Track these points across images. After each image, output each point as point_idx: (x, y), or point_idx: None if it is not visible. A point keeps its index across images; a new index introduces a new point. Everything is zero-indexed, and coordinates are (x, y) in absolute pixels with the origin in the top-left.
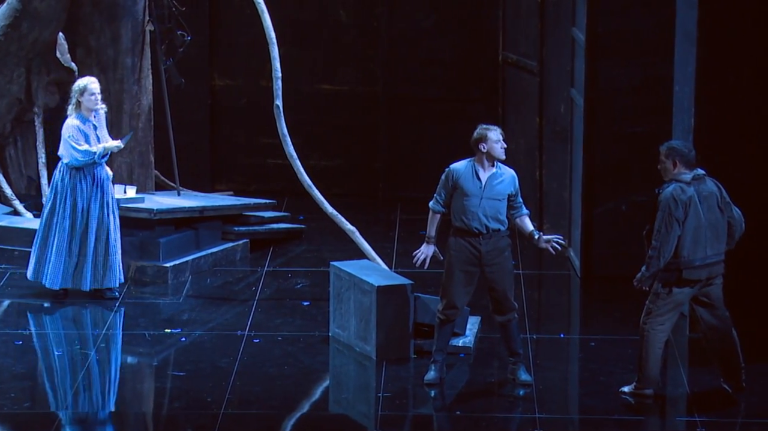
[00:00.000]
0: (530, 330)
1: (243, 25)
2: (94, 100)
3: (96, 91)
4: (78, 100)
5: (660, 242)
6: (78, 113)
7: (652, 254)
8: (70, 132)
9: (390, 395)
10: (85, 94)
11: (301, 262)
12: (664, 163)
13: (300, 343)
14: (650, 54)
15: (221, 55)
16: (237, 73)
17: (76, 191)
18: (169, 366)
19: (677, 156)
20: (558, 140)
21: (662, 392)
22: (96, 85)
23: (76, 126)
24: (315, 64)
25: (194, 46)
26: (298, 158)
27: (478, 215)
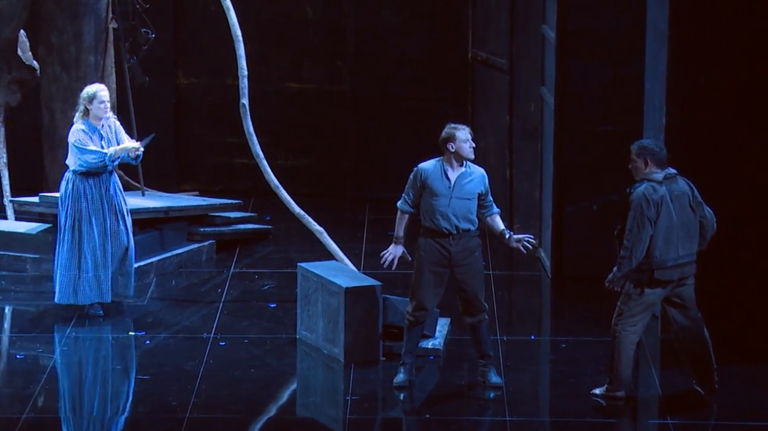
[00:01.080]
0: (501, 331)
1: (208, 23)
2: (104, 109)
3: (106, 99)
4: (86, 108)
5: (632, 242)
6: (85, 120)
7: (624, 254)
8: (76, 137)
9: (358, 398)
10: (94, 102)
11: (268, 263)
12: (635, 162)
13: (267, 346)
14: (621, 52)
15: (186, 53)
16: (202, 71)
17: (81, 200)
18: (133, 370)
19: (648, 155)
20: (528, 139)
21: (634, 394)
22: (106, 92)
23: (81, 130)
24: (281, 62)
25: (158, 44)
26: (264, 158)
27: (447, 215)
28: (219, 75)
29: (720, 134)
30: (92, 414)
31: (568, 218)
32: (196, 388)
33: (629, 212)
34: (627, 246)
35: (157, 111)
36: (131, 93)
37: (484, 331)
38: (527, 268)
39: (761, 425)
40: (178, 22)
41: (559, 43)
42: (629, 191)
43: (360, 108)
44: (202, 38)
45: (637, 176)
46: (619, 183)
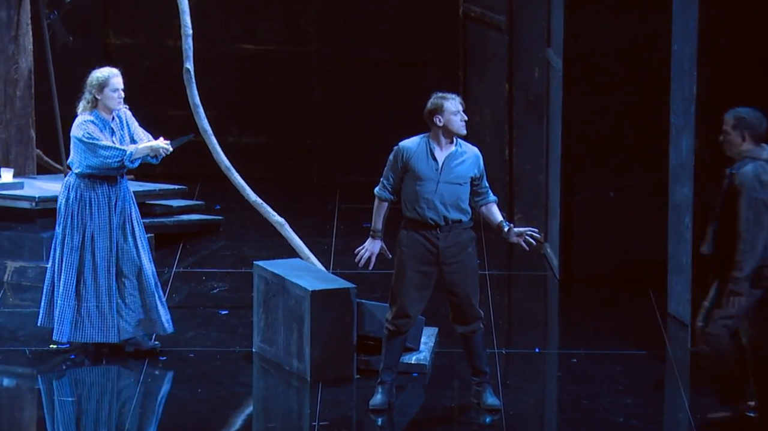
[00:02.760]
0: (499, 343)
1: None
2: (117, 98)
3: (120, 87)
4: (95, 97)
5: (751, 233)
6: (93, 111)
7: (745, 248)
8: (83, 130)
9: (328, 424)
10: (106, 90)
11: (218, 262)
12: (729, 135)
13: (217, 361)
14: (643, 6)
15: (118, 7)
16: (137, 29)
17: (86, 211)
18: (55, 390)
19: (747, 128)
20: (532, 112)
21: (659, 418)
22: (120, 78)
23: (90, 121)
24: (234, 19)
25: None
26: (213, 134)
27: (434, 202)
28: (157, 35)
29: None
30: None
31: (579, 207)
32: (131, 412)
33: (740, 199)
34: (747, 239)
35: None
36: (52, 56)
37: (478, 343)
38: (530, 267)
39: None
40: None
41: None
42: (731, 173)
43: (329, 74)
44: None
45: (730, 151)
46: (641, 165)
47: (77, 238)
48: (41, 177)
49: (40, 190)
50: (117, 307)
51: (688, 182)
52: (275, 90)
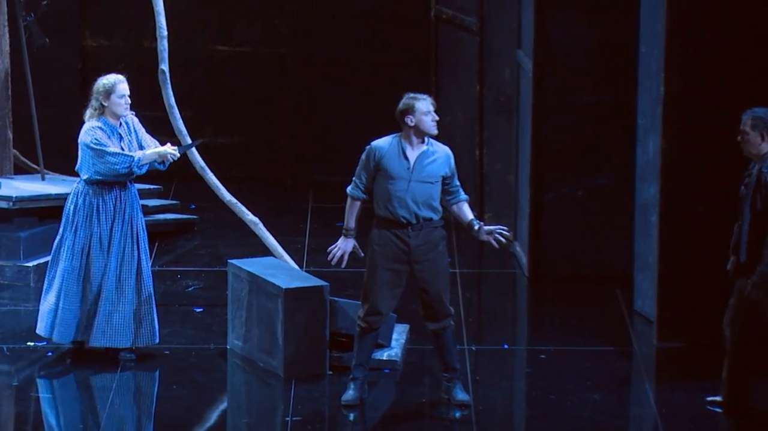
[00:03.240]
0: (468, 340)
1: None
2: (125, 104)
3: (126, 93)
4: (102, 104)
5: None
6: (100, 118)
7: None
8: (91, 136)
9: (301, 419)
10: (113, 97)
11: (193, 260)
12: (748, 135)
13: (192, 358)
14: (611, 8)
15: (94, 9)
16: (113, 31)
17: (92, 217)
18: (32, 387)
19: (766, 128)
20: (502, 112)
21: (625, 413)
22: (126, 85)
23: (98, 127)
24: (209, 20)
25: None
26: (188, 135)
27: (406, 201)
28: (133, 36)
29: (730, 107)
30: None
31: (548, 207)
32: (108, 407)
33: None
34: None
35: (59, 78)
36: (28, 57)
37: (448, 339)
38: (500, 265)
39: None
40: None
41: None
42: (763, 171)
43: (303, 75)
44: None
45: (749, 151)
46: (608, 165)
47: (82, 243)
48: (18, 177)
49: (17, 190)
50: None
51: (654, 181)
52: (250, 91)
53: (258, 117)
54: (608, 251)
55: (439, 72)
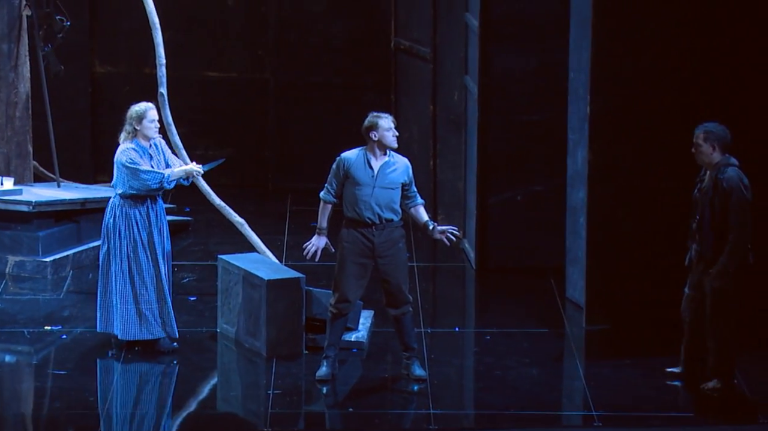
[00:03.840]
0: (424, 323)
1: (125, 10)
2: (154, 128)
3: (156, 118)
4: (135, 128)
5: (742, 228)
6: (134, 140)
7: (738, 242)
8: (126, 156)
9: (280, 392)
10: (144, 122)
11: (188, 255)
12: (700, 147)
13: (187, 339)
14: (545, 40)
15: (102, 41)
16: (119, 59)
17: (132, 226)
18: (49, 365)
19: (716, 140)
20: (452, 129)
21: (558, 386)
22: (155, 111)
23: (132, 148)
24: (201, 50)
25: (74, 32)
26: (184, 148)
27: (370, 204)
28: (136, 64)
29: (646, 124)
30: (7, 412)
31: (492, 209)
32: (115, 383)
33: (729, 201)
34: (740, 234)
35: (73, 101)
36: (46, 82)
37: (407, 323)
38: (451, 260)
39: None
40: (93, 10)
41: (482, 31)
42: (720, 178)
43: (282, 97)
44: (119, 26)
45: (702, 161)
46: (543, 173)
47: (127, 249)
48: (37, 185)
49: (36, 195)
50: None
51: (582, 188)
52: (237, 110)
53: (244, 133)
54: (544, 247)
55: (398, 94)
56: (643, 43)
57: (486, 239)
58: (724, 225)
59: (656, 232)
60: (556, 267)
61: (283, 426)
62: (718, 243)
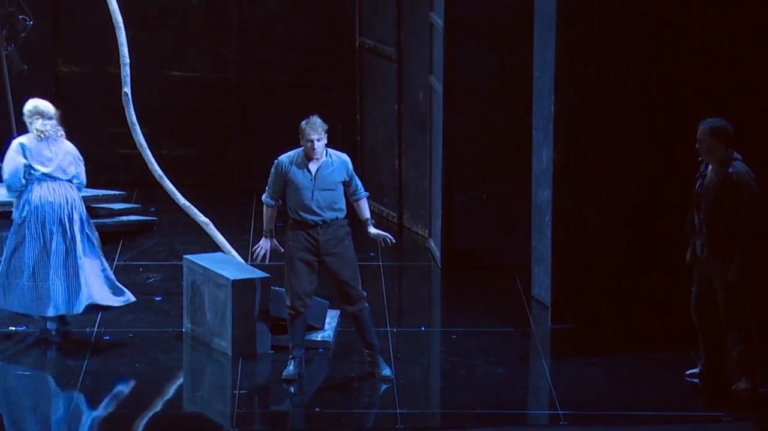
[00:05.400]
0: (391, 323)
1: (88, 9)
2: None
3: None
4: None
5: (756, 224)
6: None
7: (754, 234)
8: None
9: (246, 392)
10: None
11: (153, 255)
12: (707, 143)
13: (152, 340)
14: (510, 40)
15: (66, 40)
16: (83, 59)
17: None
18: (12, 366)
19: (723, 135)
20: (417, 128)
21: (524, 384)
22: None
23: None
24: (164, 49)
25: (37, 31)
26: (148, 148)
27: (311, 207)
28: (100, 63)
29: (609, 122)
30: None
31: (457, 208)
32: (80, 384)
33: (741, 194)
34: (755, 226)
35: None
36: (9, 82)
37: (366, 320)
38: (417, 258)
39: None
40: (57, 9)
41: (447, 31)
42: (729, 173)
43: (246, 96)
44: (82, 25)
45: (708, 157)
46: (508, 172)
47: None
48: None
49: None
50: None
51: (547, 187)
52: (201, 110)
53: (208, 132)
54: (509, 246)
55: (363, 94)
56: (606, 43)
57: (452, 238)
58: (734, 218)
59: (621, 230)
60: (521, 266)
61: (249, 426)
62: (729, 236)
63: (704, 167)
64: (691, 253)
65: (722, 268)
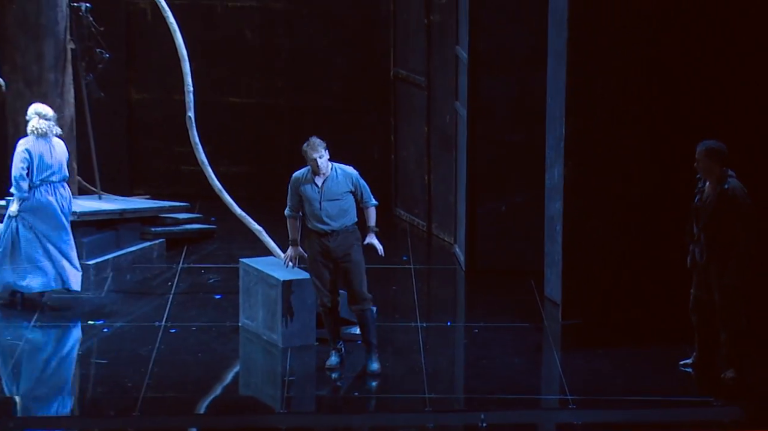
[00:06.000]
0: (420, 318)
1: (157, 43)
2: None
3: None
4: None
5: (753, 233)
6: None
7: (749, 243)
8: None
9: (294, 378)
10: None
11: (213, 259)
12: (704, 161)
13: (212, 332)
14: (525, 70)
15: (137, 70)
16: (152, 87)
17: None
18: (92, 355)
19: (718, 155)
20: (444, 147)
21: (538, 373)
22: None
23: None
24: (223, 79)
25: (112, 63)
26: (209, 165)
27: (321, 217)
28: (167, 91)
29: (614, 142)
30: (56, 395)
31: (479, 218)
32: (150, 371)
33: (736, 207)
34: (749, 236)
35: (111, 123)
36: (89, 107)
37: (368, 319)
38: (444, 262)
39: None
40: (129, 43)
41: (471, 62)
42: (724, 188)
43: (294, 120)
44: (152, 57)
45: (707, 175)
46: (524, 187)
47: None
48: (81, 197)
49: (80, 207)
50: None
51: (559, 199)
52: (254, 132)
53: (261, 152)
54: (525, 251)
55: (396, 117)
56: (611, 73)
57: (474, 244)
58: (729, 228)
59: (624, 238)
60: (535, 269)
61: (297, 408)
62: (724, 244)
63: (702, 184)
64: (691, 259)
65: (719, 272)
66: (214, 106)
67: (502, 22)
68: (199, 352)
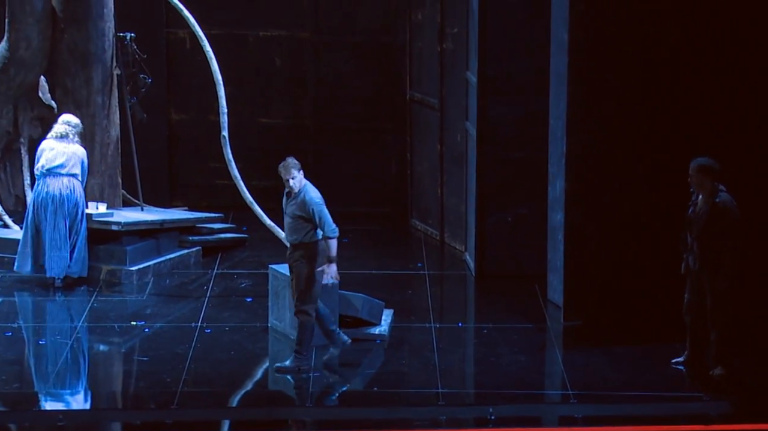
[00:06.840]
0: (434, 319)
1: (195, 69)
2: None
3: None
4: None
5: (739, 242)
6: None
7: (736, 251)
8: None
9: (319, 374)
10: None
11: (245, 265)
12: (697, 177)
13: (244, 332)
14: (530, 92)
15: (177, 94)
16: (190, 109)
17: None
18: (135, 352)
19: (711, 171)
20: (456, 164)
21: (541, 370)
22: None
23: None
24: (254, 101)
25: (154, 87)
26: (241, 179)
27: (286, 229)
28: (204, 112)
29: (611, 159)
30: (101, 389)
31: (488, 228)
32: (187, 367)
33: (726, 220)
34: (736, 245)
35: (153, 142)
36: (132, 127)
37: (301, 326)
38: (455, 268)
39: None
40: (170, 69)
41: (480, 85)
42: (716, 201)
43: (319, 139)
44: (190, 82)
45: (699, 189)
46: (528, 200)
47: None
48: (125, 209)
49: (124, 217)
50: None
51: (560, 211)
52: (282, 149)
53: None
54: (530, 258)
55: (412, 136)
56: (609, 95)
57: (483, 252)
58: (720, 238)
59: (621, 246)
60: (539, 275)
61: (321, 402)
62: (716, 253)
63: (695, 197)
64: (685, 266)
65: (710, 278)
66: (246, 126)
67: (509, 50)
68: (232, 350)
